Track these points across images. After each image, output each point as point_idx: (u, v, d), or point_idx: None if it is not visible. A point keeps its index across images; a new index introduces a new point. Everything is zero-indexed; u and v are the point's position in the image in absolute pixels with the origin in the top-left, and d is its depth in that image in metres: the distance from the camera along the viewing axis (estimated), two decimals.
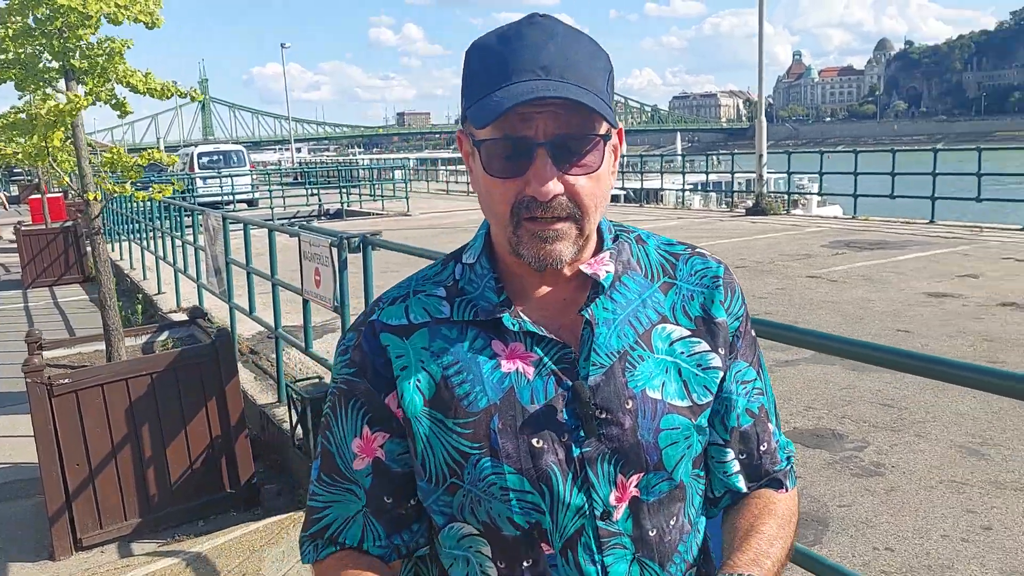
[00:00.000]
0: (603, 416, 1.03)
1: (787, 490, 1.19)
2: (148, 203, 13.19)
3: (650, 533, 1.06)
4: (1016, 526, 4.00)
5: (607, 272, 1.08)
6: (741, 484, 1.16)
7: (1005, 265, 10.84)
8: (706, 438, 1.13)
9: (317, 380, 5.77)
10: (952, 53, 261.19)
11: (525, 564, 1.04)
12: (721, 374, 1.12)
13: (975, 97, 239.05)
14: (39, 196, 19.68)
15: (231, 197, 26.02)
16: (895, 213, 17.42)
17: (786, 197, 20.61)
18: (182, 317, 7.70)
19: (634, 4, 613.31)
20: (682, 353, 1.09)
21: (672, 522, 1.08)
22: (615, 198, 25.49)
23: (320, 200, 26.30)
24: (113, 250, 16.50)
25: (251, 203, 27.69)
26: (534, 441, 1.02)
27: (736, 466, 1.16)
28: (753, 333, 1.19)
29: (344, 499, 1.12)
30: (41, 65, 5.01)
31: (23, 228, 16.15)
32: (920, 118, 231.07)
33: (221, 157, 31.50)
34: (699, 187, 25.85)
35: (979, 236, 13.83)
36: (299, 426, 5.48)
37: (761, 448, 1.18)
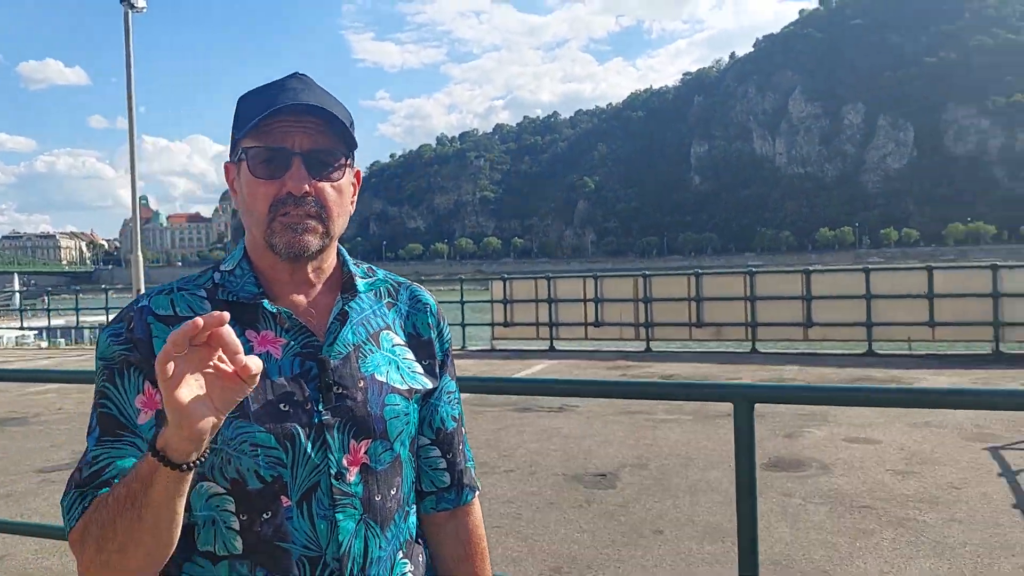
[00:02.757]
0: (340, 391, 1.25)
1: (477, 492, 1.49)
2: None
3: (376, 498, 1.26)
4: None
5: (364, 282, 1.37)
6: (446, 479, 1.43)
7: None
8: (416, 425, 1.37)
9: None
10: None
11: (265, 516, 1.19)
12: (427, 380, 1.39)
13: None
14: None
15: None
16: None
17: None
18: None
19: None
20: (399, 355, 1.36)
21: (392, 492, 1.30)
22: None
23: None
24: None
25: None
26: (281, 406, 1.21)
27: (443, 463, 1.43)
28: (451, 351, 1.48)
29: (127, 453, 1.18)
30: None
31: None
32: None
33: None
34: (43, 332, 25.74)
35: None
36: None
37: (458, 447, 1.46)
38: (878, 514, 5.58)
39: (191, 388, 0.98)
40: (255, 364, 0.99)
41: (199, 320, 0.95)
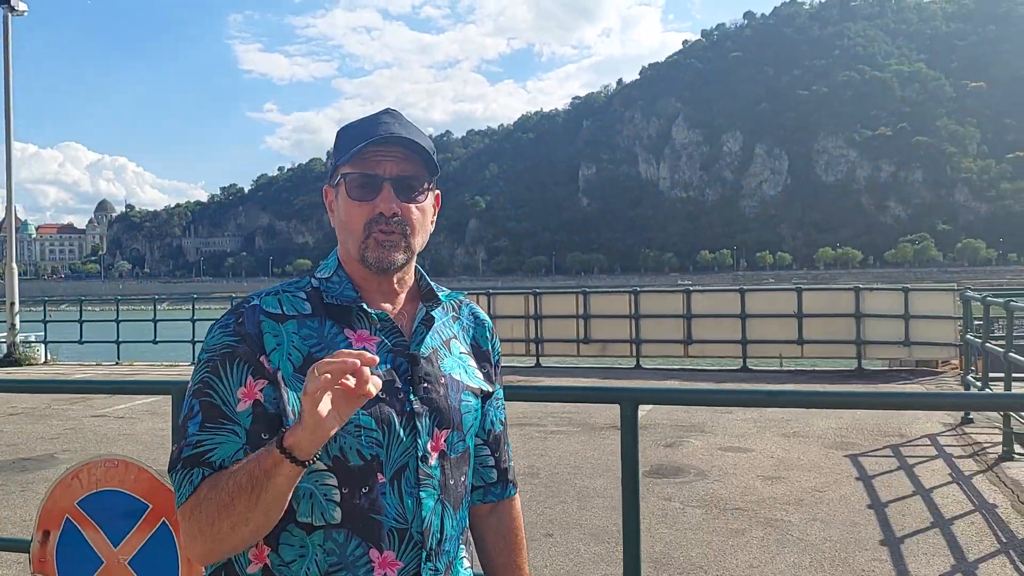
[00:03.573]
0: (426, 385, 1.45)
1: (517, 489, 1.70)
2: None
3: (450, 482, 1.46)
4: None
5: (443, 293, 1.59)
6: (493, 475, 1.64)
7: None
8: (480, 422, 1.58)
9: None
10: (171, 219, 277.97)
11: (363, 490, 1.37)
12: (488, 384, 1.60)
13: (195, 260, 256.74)
14: None
15: None
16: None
17: (44, 347, 19.35)
18: None
19: None
20: (465, 361, 1.56)
21: (462, 479, 1.50)
22: None
23: None
24: None
25: None
26: (380, 393, 1.30)
27: (491, 461, 1.64)
28: (500, 363, 1.69)
29: (228, 440, 1.36)
30: None
31: None
32: (145, 279, 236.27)
33: None
34: None
35: None
36: None
37: (503, 448, 1.67)
38: (749, 515, 6.03)
39: (325, 403, 1.19)
40: (376, 386, 1.21)
41: (359, 362, 1.18)
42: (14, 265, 17.95)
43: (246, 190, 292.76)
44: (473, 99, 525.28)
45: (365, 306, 1.47)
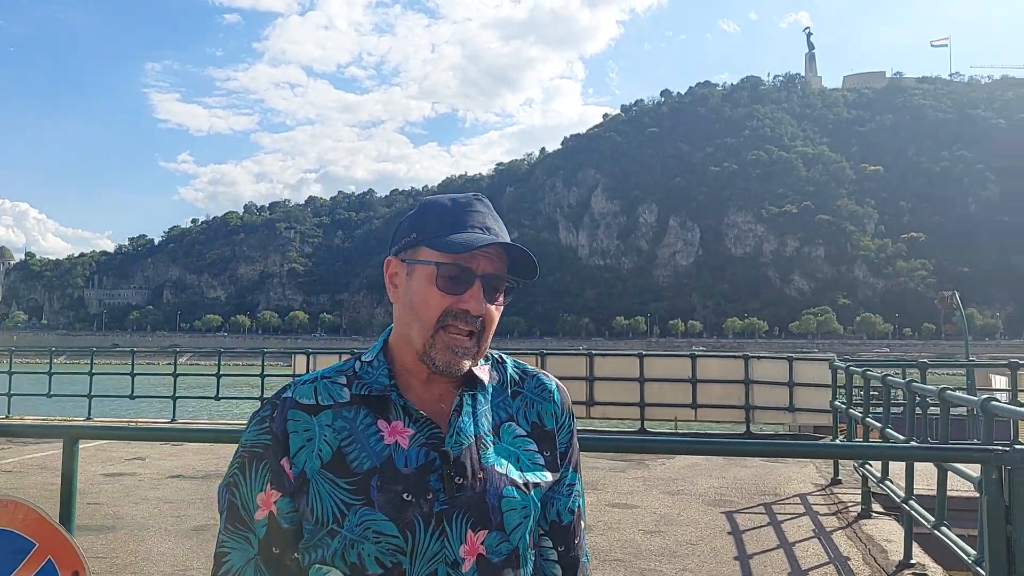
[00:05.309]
0: (460, 482, 1.33)
1: None
2: None
3: None
4: None
5: (487, 372, 1.46)
6: (557, 571, 1.47)
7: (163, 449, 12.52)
8: (535, 519, 1.41)
9: None
10: (74, 269, 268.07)
11: None
12: (547, 473, 1.43)
13: (97, 313, 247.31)
14: None
15: None
16: None
17: None
18: None
19: None
20: (520, 447, 1.42)
21: None
22: None
23: None
24: None
25: None
26: (404, 496, 1.30)
27: (555, 555, 1.47)
28: (576, 443, 1.53)
29: (241, 547, 1.36)
30: None
31: None
32: (42, 330, 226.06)
33: None
34: None
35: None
36: None
37: (575, 542, 1.49)
38: (625, 566, 6.40)
39: None
40: None
41: None
42: None
43: (156, 241, 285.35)
44: (396, 159, 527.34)
45: (395, 395, 1.39)
